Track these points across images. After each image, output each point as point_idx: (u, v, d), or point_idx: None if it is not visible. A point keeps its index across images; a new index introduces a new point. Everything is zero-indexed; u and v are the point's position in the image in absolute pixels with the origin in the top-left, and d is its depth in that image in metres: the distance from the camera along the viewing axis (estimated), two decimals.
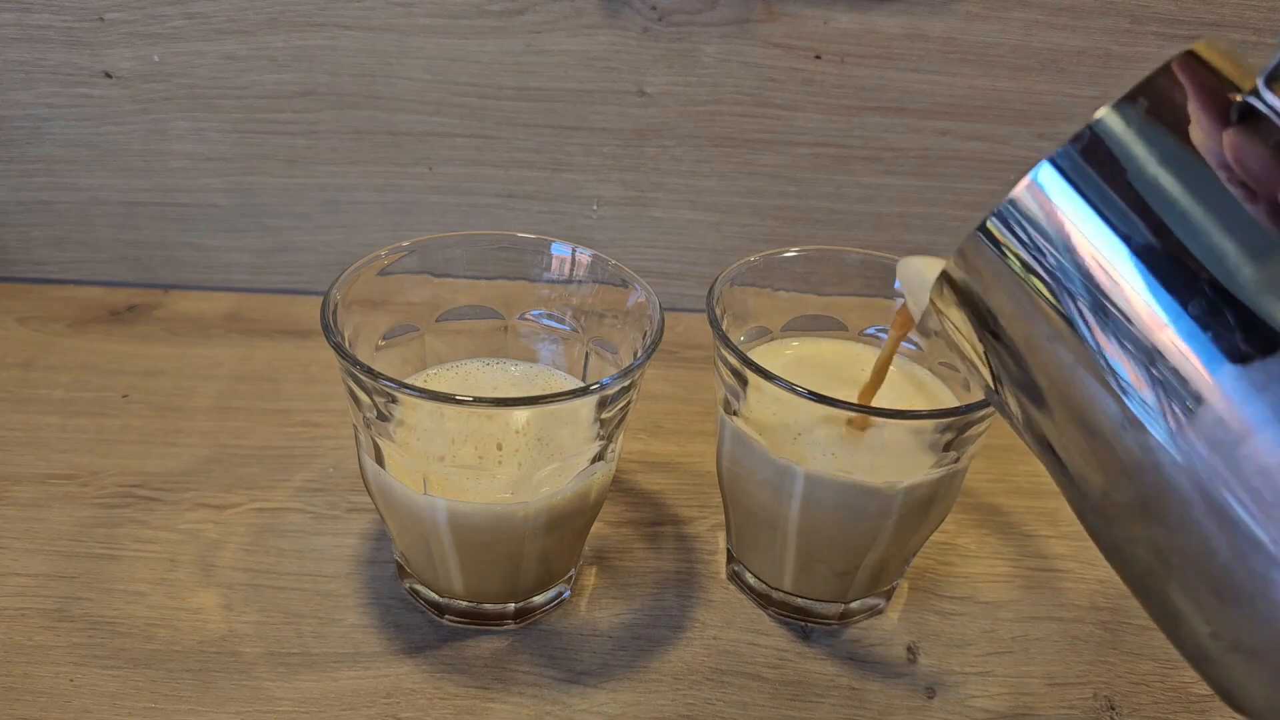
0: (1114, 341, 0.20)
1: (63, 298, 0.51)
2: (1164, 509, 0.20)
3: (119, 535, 0.36)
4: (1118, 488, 0.21)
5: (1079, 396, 0.21)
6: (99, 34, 0.46)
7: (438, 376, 0.35)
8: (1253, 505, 0.18)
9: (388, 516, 0.33)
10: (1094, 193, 0.20)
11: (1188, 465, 0.19)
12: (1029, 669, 0.34)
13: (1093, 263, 0.20)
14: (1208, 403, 0.19)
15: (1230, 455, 0.19)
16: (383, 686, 0.32)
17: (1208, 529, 0.19)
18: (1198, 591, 0.20)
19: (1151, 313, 0.19)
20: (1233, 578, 0.19)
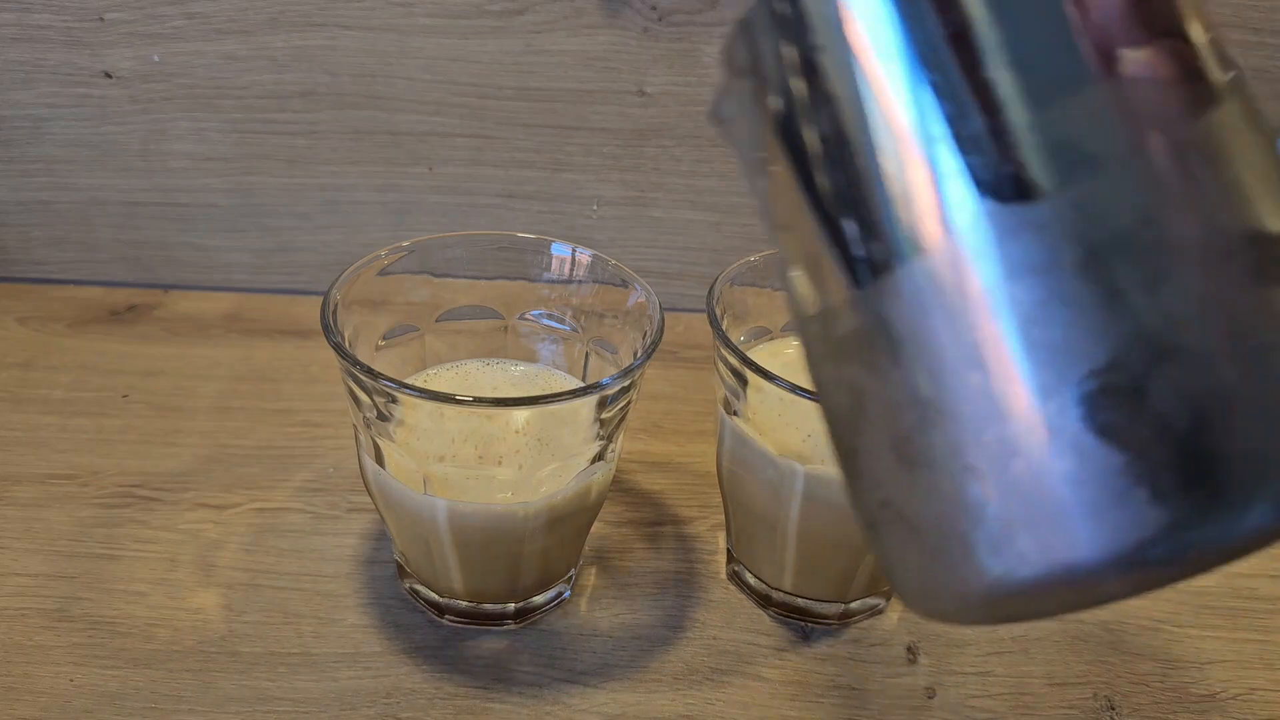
0: (867, 148, 0.17)
1: (63, 298, 0.51)
2: (872, 347, 0.18)
3: (119, 535, 0.36)
4: (837, 316, 0.19)
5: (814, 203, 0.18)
6: (99, 34, 0.46)
7: (437, 376, 0.35)
8: (957, 363, 0.16)
9: (387, 516, 0.33)
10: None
11: (907, 301, 0.17)
12: (1029, 669, 0.34)
13: (867, 50, 0.17)
14: (944, 238, 0.17)
15: (951, 303, 0.17)
16: (382, 686, 0.31)
17: (908, 380, 0.17)
18: (880, 448, 0.18)
19: (915, 124, 0.17)
20: (915, 440, 0.17)
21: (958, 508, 0.17)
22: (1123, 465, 0.15)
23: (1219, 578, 0.38)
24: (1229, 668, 0.34)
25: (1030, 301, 0.16)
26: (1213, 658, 0.35)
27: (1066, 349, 0.16)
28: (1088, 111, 0.16)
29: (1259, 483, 0.15)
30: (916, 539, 0.18)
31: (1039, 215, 0.16)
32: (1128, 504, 0.15)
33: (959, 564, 0.17)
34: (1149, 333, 0.15)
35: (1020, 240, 0.16)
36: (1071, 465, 0.16)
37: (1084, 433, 0.15)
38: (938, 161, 0.17)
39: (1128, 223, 0.16)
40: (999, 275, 0.16)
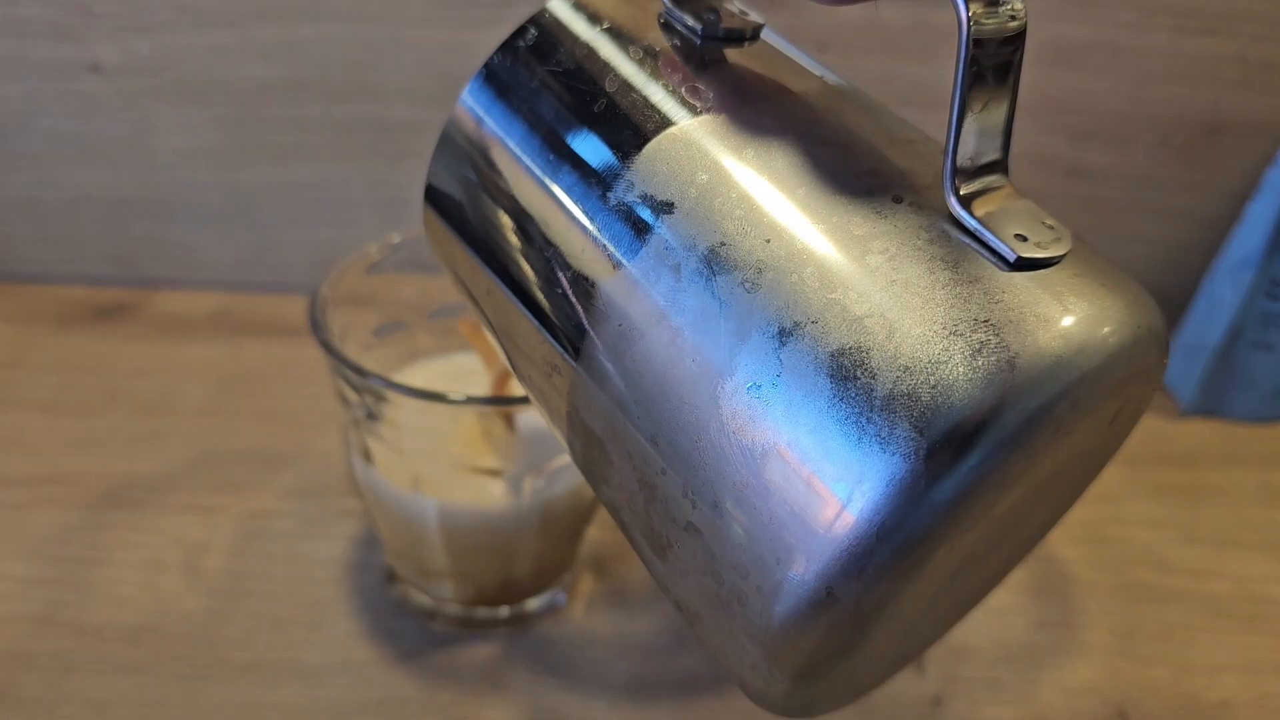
0: (526, 262, 0.20)
1: (48, 296, 0.50)
2: (595, 459, 0.19)
3: (105, 539, 0.36)
4: (572, 443, 0.20)
5: (521, 338, 0.20)
6: (86, 27, 0.45)
7: (428, 368, 0.34)
8: (636, 436, 0.17)
9: (377, 518, 0.32)
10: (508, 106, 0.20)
11: (593, 401, 0.18)
12: (1038, 676, 0.33)
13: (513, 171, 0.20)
14: (596, 319, 0.18)
15: (614, 378, 0.18)
16: (374, 695, 0.31)
17: (623, 476, 0.18)
18: (646, 553, 0.19)
19: (552, 217, 0.19)
20: (653, 529, 0.18)
21: (701, 573, 0.17)
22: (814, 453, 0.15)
23: (1231, 582, 0.38)
24: (1241, 673, 0.34)
25: (665, 345, 0.17)
26: (1225, 664, 0.34)
27: (712, 367, 0.17)
28: (652, 165, 0.18)
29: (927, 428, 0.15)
30: (705, 626, 0.18)
31: (643, 268, 0.18)
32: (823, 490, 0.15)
33: (736, 630, 0.17)
34: (763, 331, 0.16)
35: (642, 293, 0.18)
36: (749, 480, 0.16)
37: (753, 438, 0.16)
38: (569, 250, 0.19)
39: (710, 243, 0.17)
40: (642, 333, 0.17)
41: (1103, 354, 0.15)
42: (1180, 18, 0.45)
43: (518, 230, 0.20)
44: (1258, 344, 0.44)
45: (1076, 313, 0.16)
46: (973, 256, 0.16)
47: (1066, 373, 0.15)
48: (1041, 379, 0.15)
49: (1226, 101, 0.47)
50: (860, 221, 0.17)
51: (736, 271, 0.17)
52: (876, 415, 0.15)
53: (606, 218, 0.18)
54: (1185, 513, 0.41)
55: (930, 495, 0.15)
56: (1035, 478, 0.16)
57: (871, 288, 0.16)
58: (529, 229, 0.19)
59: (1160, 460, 0.43)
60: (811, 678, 0.17)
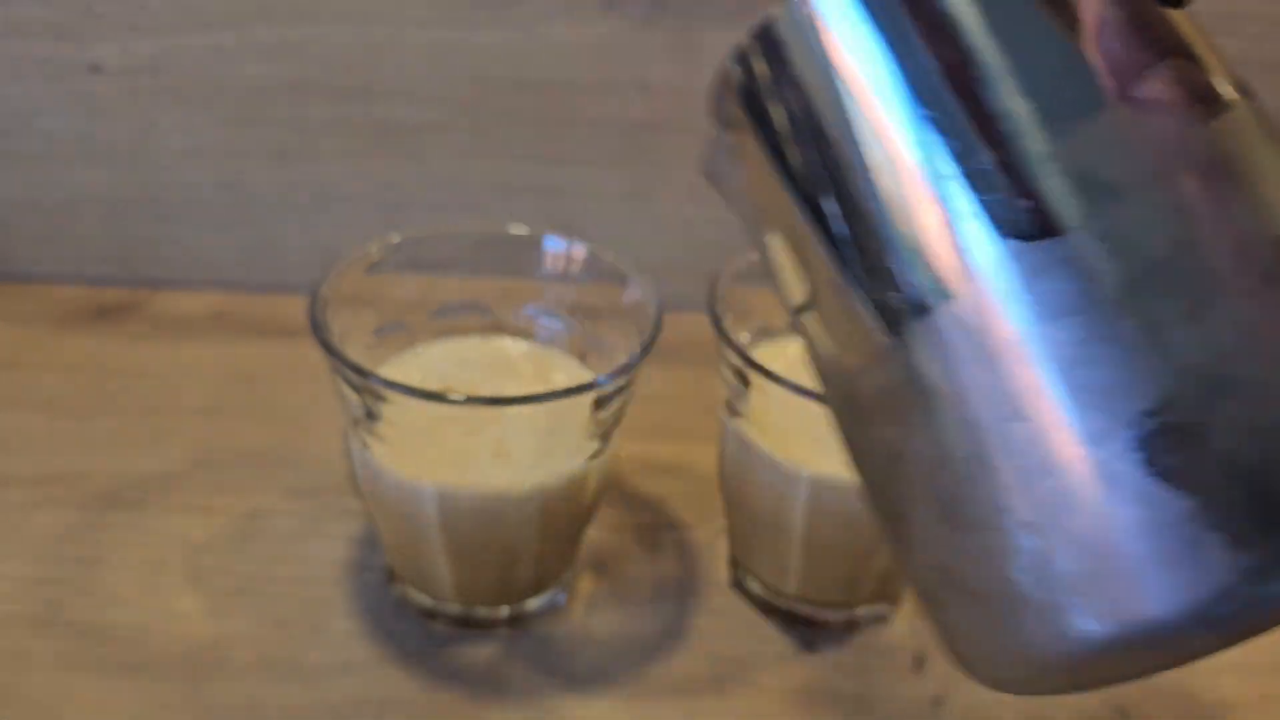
0: (873, 192, 0.17)
1: (48, 296, 0.50)
2: (904, 404, 0.17)
3: (105, 539, 0.36)
4: (867, 373, 0.18)
5: (830, 256, 0.17)
6: (87, 27, 0.46)
7: (428, 351, 0.34)
8: (996, 414, 0.15)
9: (376, 512, 0.32)
10: (882, 6, 0.16)
11: (936, 351, 0.16)
12: None
13: (863, 90, 0.16)
14: (969, 282, 0.16)
15: (983, 350, 0.16)
16: (374, 695, 0.31)
17: (945, 436, 0.16)
18: (926, 513, 0.17)
19: (922, 164, 0.16)
20: (963, 501, 0.16)
21: (1016, 569, 0.16)
22: (1192, 511, 0.14)
23: None
24: (1243, 674, 0.34)
25: (1068, 343, 0.15)
26: (1225, 664, 0.34)
27: (1114, 390, 0.15)
28: (1102, 138, 0.15)
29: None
30: (977, 605, 0.17)
31: (1064, 250, 0.15)
32: (1202, 552, 0.14)
33: (1026, 629, 0.16)
34: (1199, 366, 0.15)
35: (1048, 279, 0.15)
36: (1135, 515, 0.15)
37: (1145, 478, 0.15)
38: (950, 202, 0.16)
39: (1160, 252, 0.15)
40: (1031, 318, 0.15)
41: None
42: None
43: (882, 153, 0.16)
44: None
45: None
46: None
47: None
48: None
49: None
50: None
51: (1184, 298, 0.15)
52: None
53: (1044, 173, 0.15)
54: None
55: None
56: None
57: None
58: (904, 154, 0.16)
59: None
60: (1078, 685, 0.17)
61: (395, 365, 0.34)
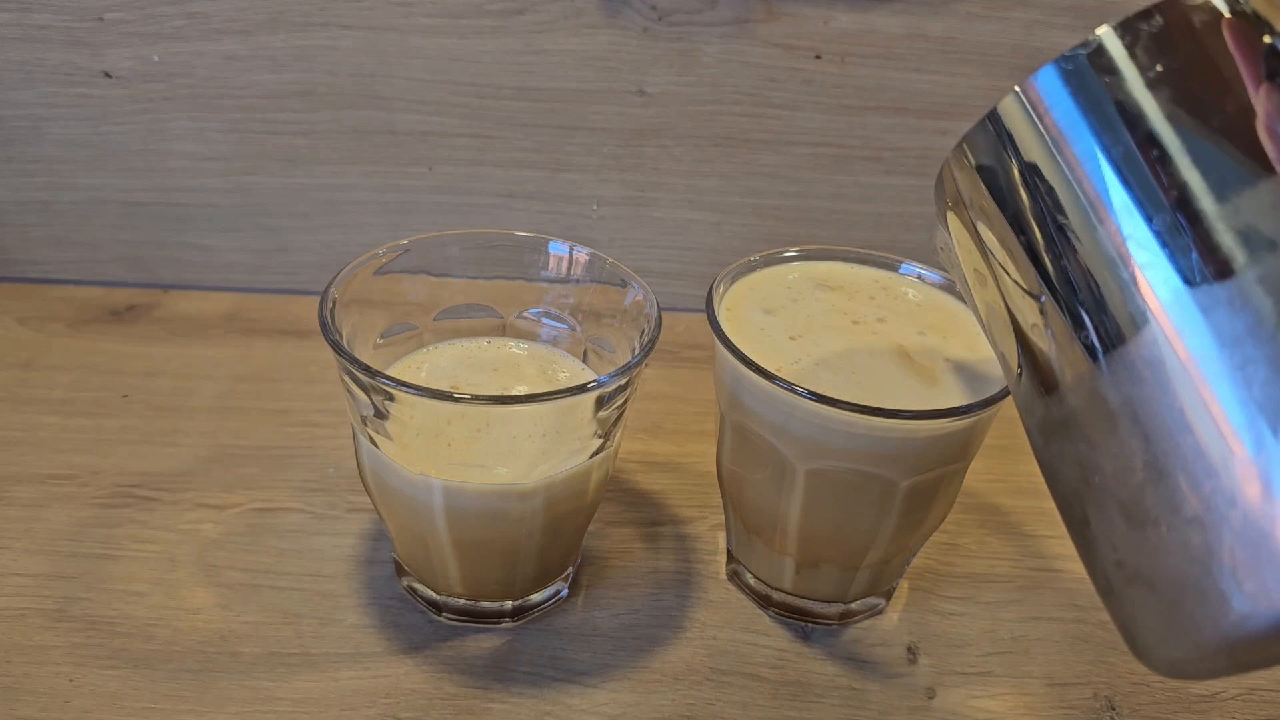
0: (1074, 250, 0.20)
1: (62, 298, 0.51)
2: (1092, 424, 0.20)
3: (118, 535, 0.36)
4: (1059, 400, 0.21)
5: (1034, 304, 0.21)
6: (99, 34, 0.46)
7: (438, 352, 0.35)
8: (1171, 425, 0.19)
9: (384, 509, 0.33)
10: (1087, 99, 0.20)
11: (1123, 376, 0.19)
12: (1029, 669, 0.34)
13: (1071, 169, 0.20)
14: (1150, 318, 0.19)
15: (1162, 372, 0.19)
16: (382, 686, 0.31)
17: (1127, 448, 0.19)
18: (1109, 514, 0.20)
19: (1116, 223, 0.20)
20: (1141, 502, 0.19)
21: (1187, 559, 0.18)
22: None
23: None
24: None
25: (1229, 367, 0.18)
26: None
27: (1268, 407, 0.17)
28: (1263, 201, 0.18)
29: None
30: (1153, 595, 0.19)
31: (1228, 293, 0.18)
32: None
33: (1195, 613, 0.18)
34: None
35: (1217, 314, 0.18)
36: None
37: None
38: (1141, 253, 0.19)
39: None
40: (1202, 346, 0.18)
41: None
42: None
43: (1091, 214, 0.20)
44: None
45: None
46: None
47: None
48: None
49: None
50: None
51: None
52: None
53: (1201, 232, 0.19)
54: None
55: None
56: None
57: None
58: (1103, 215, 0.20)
59: None
60: (1241, 667, 0.19)
61: (404, 366, 0.34)
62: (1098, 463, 0.20)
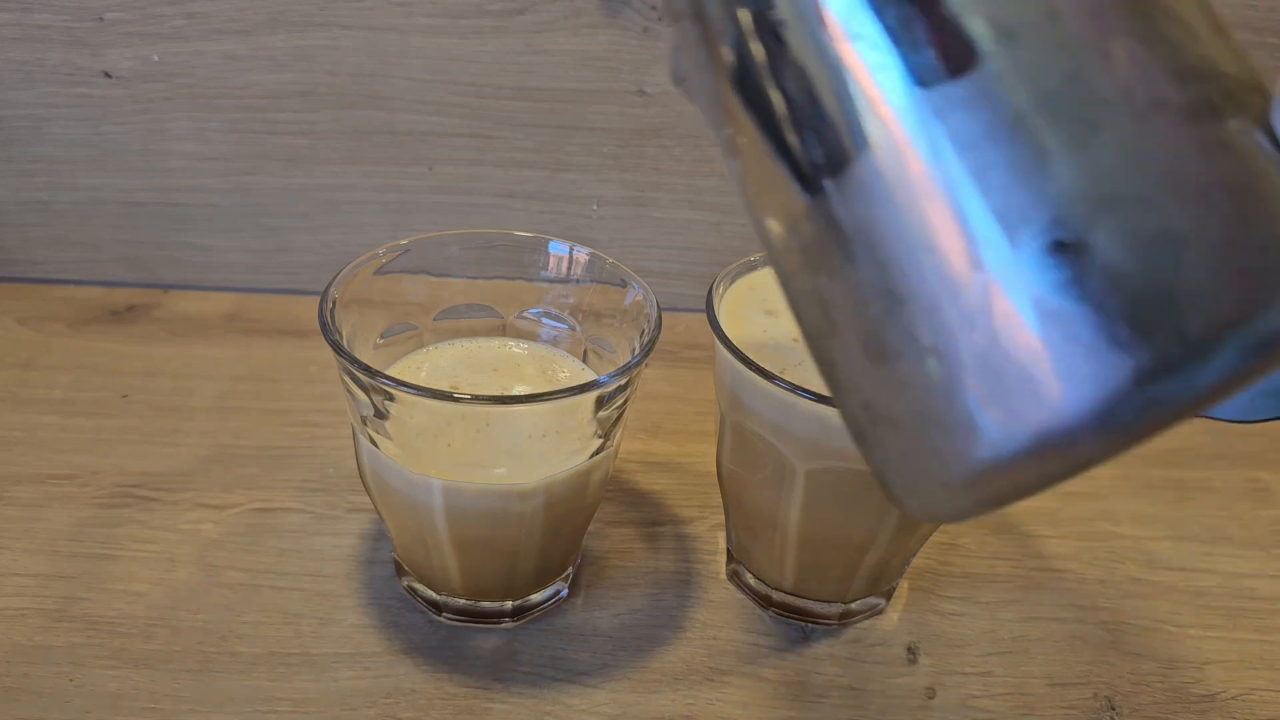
0: (798, 62, 0.18)
1: (62, 298, 0.51)
2: (828, 252, 0.18)
3: (118, 535, 0.36)
4: (796, 230, 0.19)
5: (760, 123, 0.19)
6: (99, 34, 0.46)
7: (438, 352, 0.35)
8: (906, 247, 0.17)
9: (383, 508, 0.33)
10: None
11: (855, 198, 0.17)
12: (1029, 669, 0.34)
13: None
14: (883, 128, 0.17)
15: (894, 190, 0.17)
16: (382, 687, 0.31)
17: (863, 275, 0.18)
18: (852, 352, 0.19)
19: (841, 23, 0.17)
20: (880, 334, 0.18)
21: (929, 392, 0.17)
22: (1081, 320, 0.15)
23: (1219, 578, 0.38)
24: (1229, 668, 0.34)
25: (966, 174, 0.16)
26: (1213, 658, 0.35)
27: (1008, 215, 0.16)
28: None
29: (1220, 321, 0.15)
30: (898, 434, 0.18)
31: (964, 92, 0.16)
32: (1093, 359, 0.15)
33: (939, 450, 0.17)
34: (1084, 187, 0.16)
35: (950, 118, 0.16)
36: (1031, 329, 0.16)
37: (1038, 294, 0.16)
38: (866, 56, 0.17)
39: (1051, 84, 0.16)
40: (935, 154, 0.16)
41: None
42: None
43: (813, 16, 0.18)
44: None
45: None
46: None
47: None
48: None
49: None
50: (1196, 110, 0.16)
51: (1073, 125, 0.16)
52: (1173, 300, 0.15)
53: (939, 24, 0.17)
54: (1173, 509, 0.41)
55: (1199, 381, 0.15)
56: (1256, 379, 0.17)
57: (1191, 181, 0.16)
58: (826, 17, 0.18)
59: (1149, 458, 0.44)
60: (995, 502, 0.18)
61: (404, 366, 0.34)
62: (837, 296, 0.18)
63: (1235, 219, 0.16)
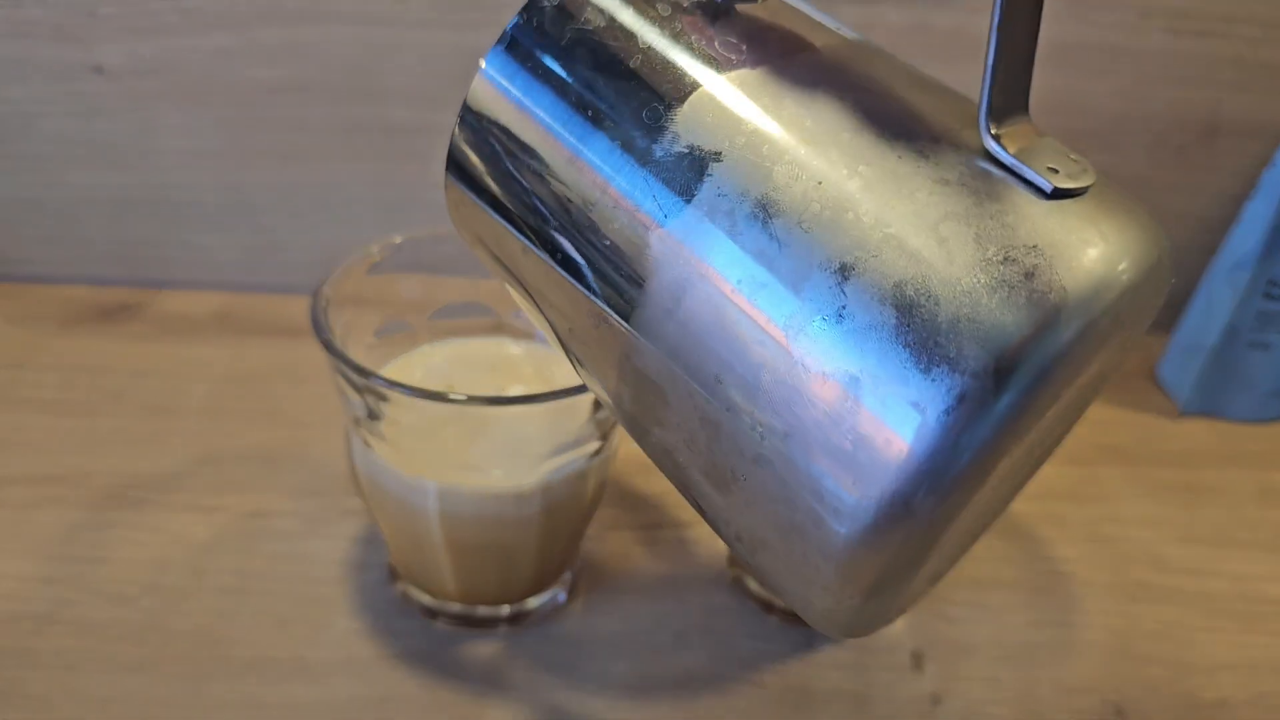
0: (565, 223, 0.20)
1: (53, 297, 0.51)
2: (650, 405, 0.20)
3: (109, 538, 0.36)
4: (621, 392, 0.21)
5: (561, 293, 0.21)
6: (90, 28, 0.46)
7: (434, 352, 0.34)
8: (706, 370, 0.18)
9: (379, 511, 0.32)
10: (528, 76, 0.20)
11: (649, 348, 0.19)
12: (1036, 675, 0.33)
13: (545, 134, 0.20)
14: (650, 265, 0.19)
15: (673, 323, 0.18)
16: (376, 693, 0.31)
17: (682, 412, 0.19)
18: (704, 489, 0.20)
19: (590, 176, 0.19)
20: (715, 462, 0.19)
21: (772, 500, 0.18)
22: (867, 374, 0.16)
23: (1229, 581, 0.38)
24: (1239, 672, 0.34)
25: (738, 282, 0.18)
26: (1222, 662, 0.34)
27: (776, 305, 0.17)
28: (697, 117, 0.19)
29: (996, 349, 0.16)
30: (772, 554, 0.19)
31: (697, 213, 0.18)
32: (891, 410, 0.16)
33: (806, 553, 0.18)
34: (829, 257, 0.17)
35: (698, 241, 0.18)
36: (828, 399, 0.17)
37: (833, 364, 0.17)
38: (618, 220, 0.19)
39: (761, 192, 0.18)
40: (703, 272, 0.18)
41: (1138, 271, 0.17)
42: (1178, 19, 0.45)
43: (554, 194, 0.20)
44: (1255, 344, 0.45)
45: (1111, 237, 0.17)
46: (1012, 190, 0.17)
47: (1109, 290, 0.16)
48: (1088, 298, 0.16)
49: (1224, 103, 0.47)
50: (905, 161, 0.17)
51: (792, 214, 0.17)
52: (943, 339, 0.16)
53: (653, 171, 0.19)
54: (1182, 512, 0.41)
55: (998, 408, 0.16)
56: (1073, 390, 0.17)
57: (924, 222, 0.17)
58: (567, 190, 0.20)
59: (1158, 460, 0.43)
60: (880, 592, 0.18)
61: (398, 366, 0.34)
62: (671, 442, 0.20)
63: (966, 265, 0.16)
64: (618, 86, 0.19)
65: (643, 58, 0.19)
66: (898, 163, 0.17)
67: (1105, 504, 0.41)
